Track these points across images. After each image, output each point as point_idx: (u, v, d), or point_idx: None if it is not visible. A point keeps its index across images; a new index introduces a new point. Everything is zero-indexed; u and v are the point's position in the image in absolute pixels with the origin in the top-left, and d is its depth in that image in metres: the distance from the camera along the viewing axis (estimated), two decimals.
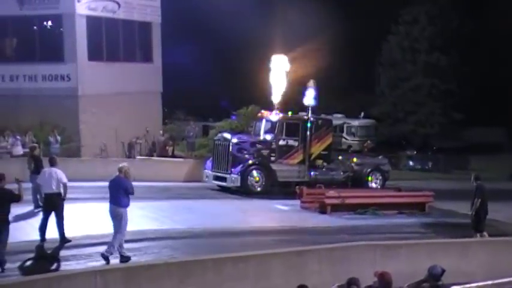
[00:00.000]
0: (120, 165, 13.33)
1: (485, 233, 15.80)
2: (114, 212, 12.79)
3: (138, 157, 27.26)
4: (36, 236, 13.60)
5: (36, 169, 16.10)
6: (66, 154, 24.38)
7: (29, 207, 16.11)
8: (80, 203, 17.50)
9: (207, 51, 40.27)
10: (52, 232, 13.60)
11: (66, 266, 12.17)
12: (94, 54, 28.28)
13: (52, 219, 13.62)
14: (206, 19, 39.93)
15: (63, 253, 12.65)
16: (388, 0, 39.40)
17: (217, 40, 40.62)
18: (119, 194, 12.76)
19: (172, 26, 34.38)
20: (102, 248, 12.80)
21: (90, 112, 27.59)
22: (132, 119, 28.55)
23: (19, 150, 23.39)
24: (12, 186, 11.97)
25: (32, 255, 12.89)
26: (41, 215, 13.96)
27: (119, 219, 12.73)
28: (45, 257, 12.44)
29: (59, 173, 13.82)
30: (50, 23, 28.67)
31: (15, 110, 26.29)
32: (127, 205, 12.87)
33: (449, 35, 38.76)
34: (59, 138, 24.40)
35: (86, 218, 16.32)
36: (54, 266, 12.30)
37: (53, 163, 14.15)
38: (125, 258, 12.60)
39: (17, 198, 11.78)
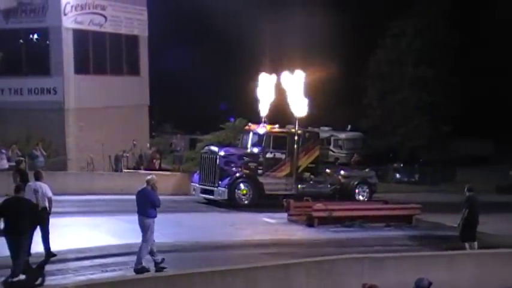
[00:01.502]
0: (149, 177, 13.89)
1: (475, 243, 15.88)
2: (142, 222, 13.28)
3: (125, 170, 27.15)
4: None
5: (22, 183, 15.97)
6: (53, 168, 24.23)
7: None
8: (66, 217, 17.37)
9: (195, 64, 40.29)
10: (37, 246, 13.48)
11: (52, 281, 12.04)
12: (81, 68, 28.23)
13: (37, 233, 13.49)
14: (195, 30, 40.07)
15: (48, 267, 12.54)
16: (376, 14, 39.70)
17: (205, 53, 40.69)
18: (146, 207, 13.31)
19: (160, 38, 34.43)
20: (89, 262, 12.71)
21: (77, 125, 27.49)
22: (119, 132, 28.47)
23: (4, 164, 23.22)
24: None
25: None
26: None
27: (146, 230, 13.12)
28: (30, 272, 12.30)
29: (44, 187, 13.73)
30: (36, 36, 28.62)
31: (1, 123, 26.14)
32: (154, 216, 13.34)
33: (436, 48, 39.05)
34: (44, 152, 24.26)
35: (72, 232, 16.19)
36: (39, 281, 12.16)
37: (38, 177, 14.05)
38: (159, 266, 12.98)
39: (35, 208, 12.20)
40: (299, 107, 22.73)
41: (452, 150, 38.60)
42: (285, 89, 22.95)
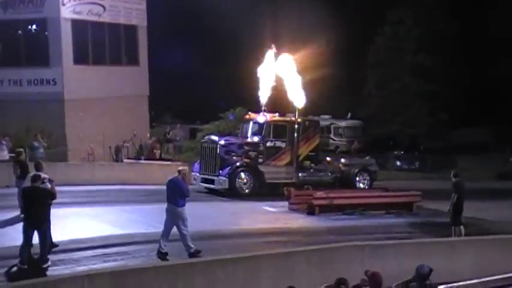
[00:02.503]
0: (180, 167, 14.34)
1: (462, 227, 16.03)
2: (172, 211, 13.52)
3: (126, 160, 27.15)
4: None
5: (22, 174, 16.02)
6: (53, 158, 24.23)
7: (15, 213, 15.97)
8: (68, 208, 17.38)
9: (195, 53, 40.20)
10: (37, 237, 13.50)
11: (53, 271, 12.07)
12: (80, 58, 28.16)
13: None
14: (194, 20, 39.93)
15: (50, 258, 12.55)
16: (375, 2, 39.55)
17: (205, 42, 40.60)
18: (176, 195, 13.56)
19: (160, 28, 34.33)
20: (90, 252, 12.73)
21: (77, 116, 27.46)
22: (119, 122, 28.44)
23: (5, 155, 23.22)
24: None
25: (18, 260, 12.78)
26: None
27: (178, 219, 13.41)
28: (32, 262, 12.33)
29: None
30: (34, 27, 28.51)
31: (0, 114, 26.11)
32: (183, 205, 13.56)
33: (435, 35, 38.95)
34: (43, 142, 24.25)
35: (74, 222, 16.22)
36: (41, 272, 12.19)
37: (38, 168, 14.05)
38: (162, 254, 13.26)
39: (52, 197, 12.55)
40: (298, 96, 22.71)
41: (452, 137, 38.60)
42: (283, 78, 22.90)
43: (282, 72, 22.88)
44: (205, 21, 38.70)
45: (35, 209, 12.16)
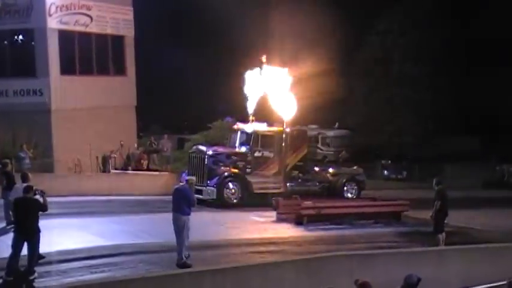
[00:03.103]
0: (188, 177, 15.08)
1: (443, 235, 16.16)
2: (178, 219, 13.60)
3: (113, 171, 27.04)
4: (9, 253, 13.34)
5: (8, 185, 15.88)
6: (40, 169, 24.08)
7: (1, 224, 15.86)
8: (54, 219, 17.21)
9: (184, 63, 40.14)
10: (25, 249, 13.36)
11: (40, 283, 11.97)
12: (67, 68, 28.05)
13: None
14: (183, 29, 39.92)
15: (37, 270, 12.43)
16: (362, 11, 39.73)
17: (194, 51, 40.53)
18: (183, 204, 13.71)
19: (147, 38, 34.27)
20: (77, 264, 12.63)
21: (63, 127, 27.31)
22: (106, 132, 28.32)
23: None
24: None
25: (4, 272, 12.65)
26: (13, 232, 13.72)
27: (182, 227, 13.51)
28: (18, 274, 12.20)
29: None
30: (21, 37, 28.39)
31: None
32: (189, 214, 13.71)
33: (422, 45, 39.20)
34: (30, 153, 24.10)
35: (60, 234, 16.08)
36: (28, 284, 12.07)
37: (25, 179, 13.96)
38: (183, 264, 13.22)
39: (44, 208, 12.43)
40: (286, 107, 22.74)
41: (439, 146, 38.77)
42: (271, 88, 22.93)
43: (271, 84, 22.91)
44: (194, 30, 38.72)
45: (27, 220, 12.18)
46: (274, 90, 22.91)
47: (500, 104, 36.69)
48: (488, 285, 12.13)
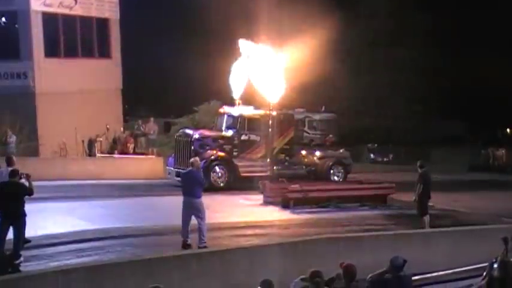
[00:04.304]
0: (192, 159, 14.62)
1: (428, 217, 16.31)
2: (191, 203, 13.67)
3: (99, 155, 26.89)
4: None
5: None
6: (25, 153, 23.90)
7: None
8: (40, 203, 17.13)
9: (171, 46, 39.83)
10: (11, 233, 13.30)
11: (26, 267, 11.91)
12: (51, 51, 27.78)
13: None
14: (169, 12, 39.58)
15: (23, 254, 12.37)
16: None
17: (181, 34, 40.21)
18: (194, 186, 13.75)
19: (133, 20, 33.97)
20: (64, 248, 12.58)
21: (48, 110, 27.09)
22: (92, 116, 28.13)
23: None
24: None
25: None
26: None
27: (198, 210, 13.68)
28: (4, 259, 12.15)
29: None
30: (4, 19, 28.03)
31: None
32: (201, 196, 13.85)
33: (408, 29, 39.20)
34: (14, 137, 23.91)
35: (46, 218, 16.02)
36: (13, 268, 12.02)
37: (9, 163, 13.84)
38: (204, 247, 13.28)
39: (29, 192, 12.38)
40: (272, 90, 22.64)
41: (426, 130, 38.94)
42: (257, 70, 22.80)
43: (257, 66, 22.76)
44: (181, 12, 38.41)
45: (13, 204, 12.14)
46: (261, 72, 22.72)
47: (487, 88, 36.87)
48: (473, 267, 12.24)
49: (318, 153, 24.76)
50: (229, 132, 23.22)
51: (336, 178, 24.11)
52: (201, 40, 40.07)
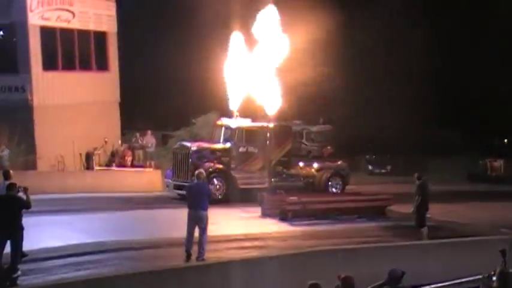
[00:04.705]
0: (198, 171, 14.65)
1: (426, 229, 16.30)
2: (199, 216, 13.62)
3: (97, 168, 26.89)
4: None
5: None
6: (22, 167, 23.88)
7: None
8: (37, 216, 17.11)
9: (168, 58, 39.91)
10: (8, 247, 13.27)
11: (24, 281, 11.89)
12: (49, 64, 27.80)
13: None
14: (167, 24, 39.65)
15: (21, 267, 12.34)
16: (344, 5, 39.68)
17: (178, 46, 40.29)
18: (203, 199, 13.70)
19: (131, 33, 34.08)
20: (62, 261, 12.55)
21: (46, 123, 27.09)
22: (90, 129, 28.13)
23: None
24: None
25: None
26: None
27: (202, 222, 13.65)
28: (2, 272, 12.12)
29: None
30: (1, 33, 28.10)
31: None
32: (208, 208, 13.81)
33: (405, 38, 39.33)
34: (7, 151, 23.90)
35: (44, 231, 15.99)
36: (11, 282, 11.99)
37: (7, 177, 13.84)
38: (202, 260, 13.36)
39: (27, 206, 12.39)
40: (270, 102, 22.63)
41: (424, 140, 38.98)
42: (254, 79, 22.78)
43: (255, 74, 22.69)
44: (179, 24, 38.50)
45: (11, 218, 12.12)
46: (258, 81, 22.61)
47: (486, 97, 36.99)
48: (470, 278, 12.23)
49: (315, 165, 24.76)
50: (227, 145, 23.25)
51: (334, 190, 24.10)
52: (199, 52, 40.16)
